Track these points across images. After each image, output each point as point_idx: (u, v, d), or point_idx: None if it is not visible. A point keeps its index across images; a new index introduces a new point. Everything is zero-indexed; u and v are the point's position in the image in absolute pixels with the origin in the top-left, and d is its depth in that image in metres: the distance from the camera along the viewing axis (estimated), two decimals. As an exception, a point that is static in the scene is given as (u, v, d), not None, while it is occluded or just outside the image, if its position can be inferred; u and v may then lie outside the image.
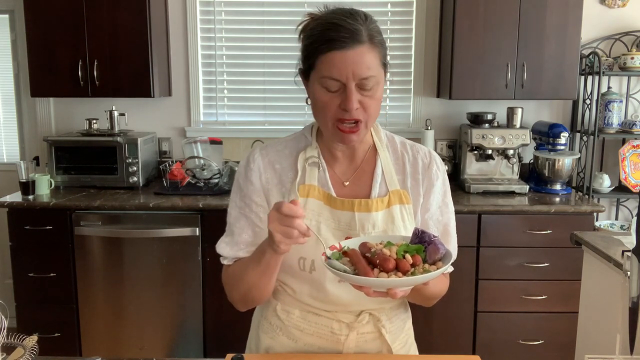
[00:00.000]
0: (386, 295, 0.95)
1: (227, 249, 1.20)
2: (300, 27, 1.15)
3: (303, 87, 1.18)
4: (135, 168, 2.97)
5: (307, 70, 1.12)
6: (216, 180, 2.96)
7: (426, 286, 1.10)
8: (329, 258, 0.99)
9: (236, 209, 1.22)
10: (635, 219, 3.10)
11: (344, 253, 1.00)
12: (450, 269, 1.24)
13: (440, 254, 0.98)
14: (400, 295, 0.95)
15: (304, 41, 1.12)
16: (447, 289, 1.27)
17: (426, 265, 0.96)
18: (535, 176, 3.09)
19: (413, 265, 0.95)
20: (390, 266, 0.94)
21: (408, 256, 0.96)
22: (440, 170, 1.24)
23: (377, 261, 0.95)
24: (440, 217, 1.22)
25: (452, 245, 1.22)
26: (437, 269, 0.95)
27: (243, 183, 1.22)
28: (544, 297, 2.76)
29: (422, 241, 1.00)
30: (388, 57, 1.13)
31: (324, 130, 1.16)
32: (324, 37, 1.06)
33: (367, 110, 1.09)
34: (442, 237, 1.20)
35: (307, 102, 1.18)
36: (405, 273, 0.93)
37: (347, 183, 1.21)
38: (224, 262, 1.22)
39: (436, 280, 1.17)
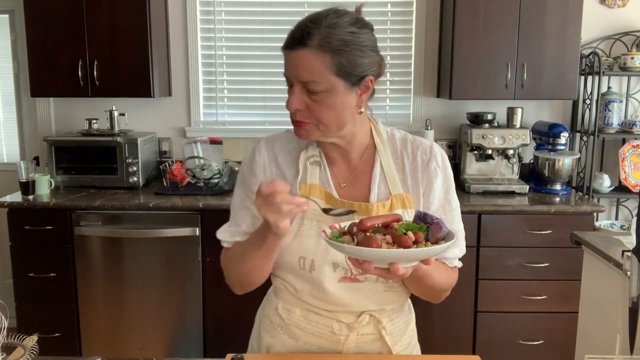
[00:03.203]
0: (387, 273, 0.92)
1: (226, 235, 1.22)
2: None
3: None
4: (135, 168, 2.97)
5: None
6: (216, 180, 2.96)
7: (436, 271, 1.09)
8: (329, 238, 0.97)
9: (239, 199, 1.23)
10: (635, 219, 3.10)
11: (344, 233, 0.99)
12: (459, 264, 1.23)
13: (443, 232, 0.95)
14: (402, 273, 0.92)
15: None
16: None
17: (428, 244, 0.94)
18: (535, 176, 3.09)
19: (415, 242, 0.92)
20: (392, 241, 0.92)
21: (410, 233, 0.93)
22: (440, 167, 1.20)
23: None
24: (444, 215, 1.19)
25: (458, 244, 1.20)
26: None
27: (247, 175, 1.22)
28: (544, 297, 2.76)
29: (424, 222, 0.98)
30: (363, 68, 1.07)
31: None
32: (287, 35, 1.08)
33: (314, 114, 1.08)
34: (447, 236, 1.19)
35: None
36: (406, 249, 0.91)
37: (344, 184, 1.20)
38: (224, 244, 1.23)
39: (442, 270, 1.16)
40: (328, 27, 1.04)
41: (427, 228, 0.96)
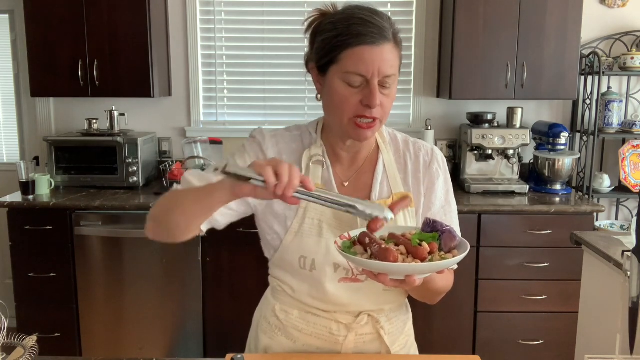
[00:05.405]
0: (402, 283, 0.92)
1: (191, 176, 1.14)
2: (309, 22, 1.14)
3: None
4: (135, 168, 2.97)
5: (326, 64, 1.08)
6: (216, 180, 2.96)
7: (439, 276, 1.08)
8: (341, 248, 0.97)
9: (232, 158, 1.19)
10: (635, 219, 3.10)
11: (354, 242, 0.98)
12: (456, 266, 1.24)
13: (457, 241, 0.96)
14: (418, 284, 0.91)
15: (323, 34, 1.09)
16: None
17: (442, 253, 0.94)
18: (535, 176, 3.09)
19: (430, 253, 0.92)
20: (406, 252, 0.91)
21: (425, 244, 0.93)
22: (442, 169, 1.22)
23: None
24: (444, 216, 1.20)
25: None
26: (454, 256, 0.92)
27: (250, 153, 1.18)
28: (544, 297, 2.76)
29: (434, 230, 0.98)
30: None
31: (336, 125, 1.13)
32: (352, 31, 1.03)
33: (384, 109, 1.08)
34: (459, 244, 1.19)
35: (317, 98, 1.16)
36: (423, 260, 0.90)
37: (346, 184, 1.20)
38: (177, 185, 1.15)
39: (444, 274, 1.16)
40: (392, 21, 1.08)
41: (440, 237, 0.96)
